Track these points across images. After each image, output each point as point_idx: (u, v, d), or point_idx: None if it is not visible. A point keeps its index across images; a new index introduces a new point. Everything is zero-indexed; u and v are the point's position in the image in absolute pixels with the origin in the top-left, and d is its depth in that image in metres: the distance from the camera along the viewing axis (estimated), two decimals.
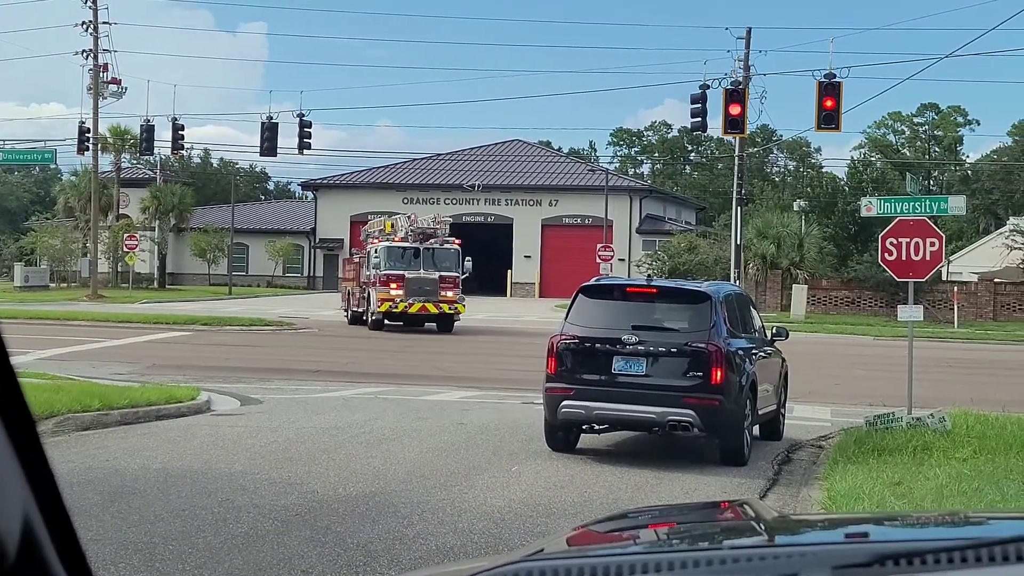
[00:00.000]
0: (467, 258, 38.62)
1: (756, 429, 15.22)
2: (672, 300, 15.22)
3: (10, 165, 64.14)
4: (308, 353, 30.51)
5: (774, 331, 17.10)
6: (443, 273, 36.39)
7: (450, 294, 36.15)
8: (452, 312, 36.10)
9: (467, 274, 38.44)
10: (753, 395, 14.63)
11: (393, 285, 35.55)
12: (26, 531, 1.12)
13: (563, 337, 14.44)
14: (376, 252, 37.16)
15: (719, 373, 13.76)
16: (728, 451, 14.09)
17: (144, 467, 12.44)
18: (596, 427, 14.69)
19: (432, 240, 37.39)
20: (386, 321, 36.49)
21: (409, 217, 39.09)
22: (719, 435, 14.05)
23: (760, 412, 15.17)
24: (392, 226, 38.17)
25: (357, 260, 42.68)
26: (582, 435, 14.85)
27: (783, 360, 17.15)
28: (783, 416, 16.91)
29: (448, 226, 39.87)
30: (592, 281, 16.11)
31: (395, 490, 11.48)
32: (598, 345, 14.26)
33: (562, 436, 14.56)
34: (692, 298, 14.93)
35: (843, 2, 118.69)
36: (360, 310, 39.79)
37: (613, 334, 14.17)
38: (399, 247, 36.97)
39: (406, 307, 35.49)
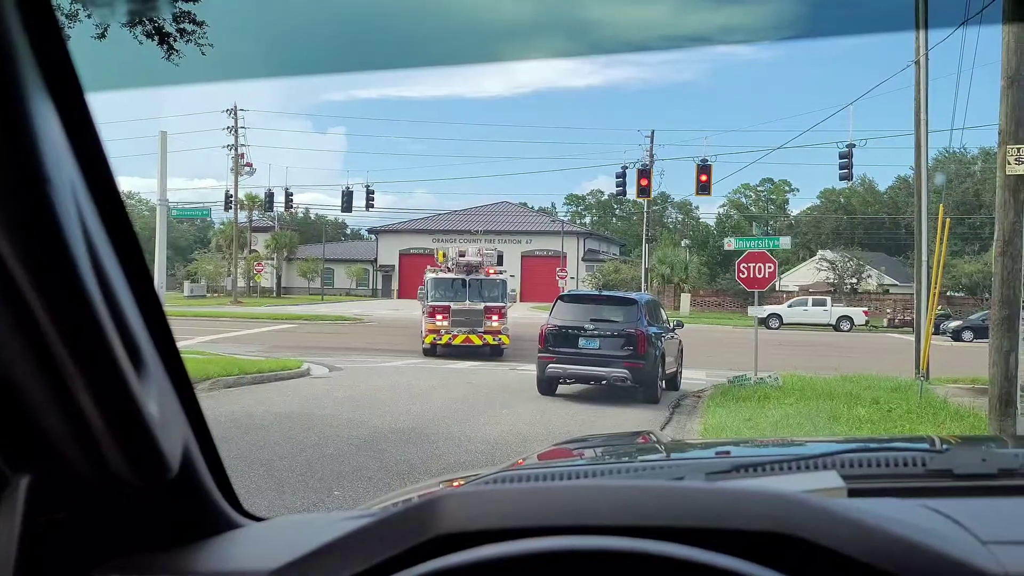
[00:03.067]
0: (512, 289, 26.89)
1: (664, 383, 15.59)
2: (614, 303, 15.61)
3: (181, 219, 63.97)
4: (372, 338, 30.43)
5: (675, 323, 17.61)
6: (488, 304, 24.35)
7: (495, 323, 23.96)
8: (496, 343, 23.69)
9: (513, 302, 26.61)
10: (663, 362, 15.27)
11: (439, 316, 24.03)
12: (185, 453, 1.11)
13: (549, 326, 15.21)
14: (426, 284, 25.44)
15: (642, 347, 14.53)
16: (648, 395, 14.65)
17: (267, 411, 12.41)
18: (568, 381, 15.20)
19: (478, 271, 25.03)
20: (438, 349, 24.37)
21: (458, 251, 26.33)
22: (642, 385, 14.61)
23: (667, 373, 15.69)
24: (444, 256, 26.18)
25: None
26: (558, 386, 15.38)
27: (680, 341, 17.53)
28: (680, 376, 17.19)
29: (496, 256, 27.29)
30: (566, 292, 17.59)
31: (427, 425, 11.47)
32: (570, 330, 14.89)
33: (547, 386, 15.17)
34: (626, 302, 15.54)
35: (714, 113, 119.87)
36: None
37: (579, 323, 14.92)
38: (447, 279, 24.86)
39: (450, 338, 23.67)
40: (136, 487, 1.03)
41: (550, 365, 14.85)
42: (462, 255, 25.61)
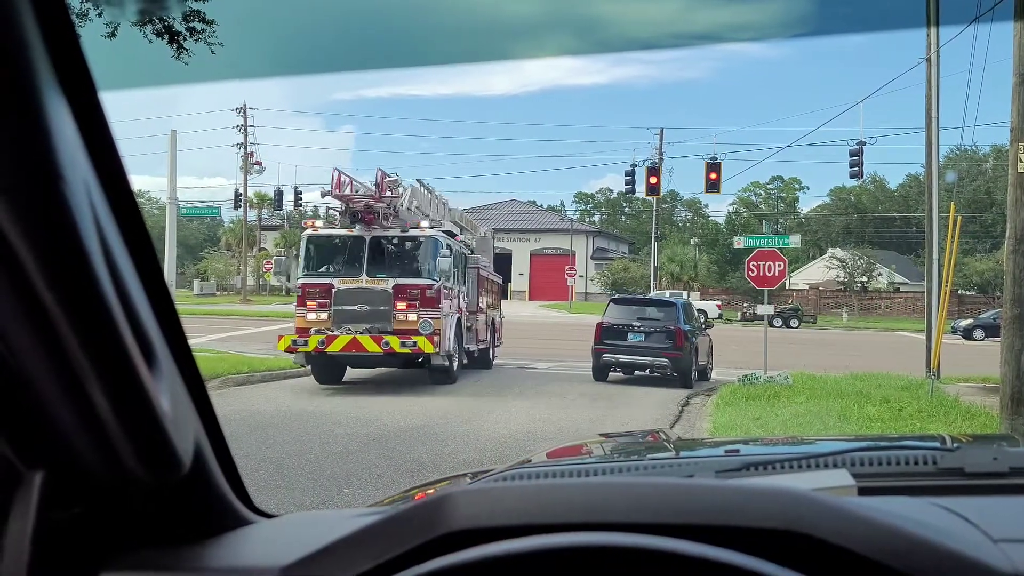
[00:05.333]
0: (443, 254, 14.31)
1: (697, 374, 17.65)
2: (657, 305, 18.21)
3: (191, 217, 64.11)
4: None
5: (705, 324, 19.95)
6: (400, 281, 14.03)
7: (412, 317, 13.91)
8: (409, 351, 13.84)
9: (444, 279, 14.49)
10: (696, 354, 17.58)
11: (312, 303, 14.20)
12: (197, 449, 1.12)
13: (603, 323, 17.56)
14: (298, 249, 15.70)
15: (680, 341, 16.92)
16: (684, 381, 16.88)
17: (276, 409, 12.45)
18: (617, 369, 17.41)
19: (384, 223, 14.46)
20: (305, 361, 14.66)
21: (336, 177, 14.49)
22: (679, 373, 16.94)
23: (699, 364, 17.96)
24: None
25: None
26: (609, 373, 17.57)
27: (710, 339, 19.76)
28: (710, 369, 19.30)
29: (432, 199, 16.30)
30: (617, 296, 22.49)
31: (436, 424, 11.48)
32: (620, 326, 17.27)
33: (602, 372, 17.44)
34: (666, 304, 18.25)
35: (723, 111, 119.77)
36: None
37: (628, 321, 17.34)
38: (329, 237, 14.74)
39: (322, 342, 13.86)
40: (148, 483, 1.04)
41: (604, 355, 17.27)
42: (338, 186, 14.37)
